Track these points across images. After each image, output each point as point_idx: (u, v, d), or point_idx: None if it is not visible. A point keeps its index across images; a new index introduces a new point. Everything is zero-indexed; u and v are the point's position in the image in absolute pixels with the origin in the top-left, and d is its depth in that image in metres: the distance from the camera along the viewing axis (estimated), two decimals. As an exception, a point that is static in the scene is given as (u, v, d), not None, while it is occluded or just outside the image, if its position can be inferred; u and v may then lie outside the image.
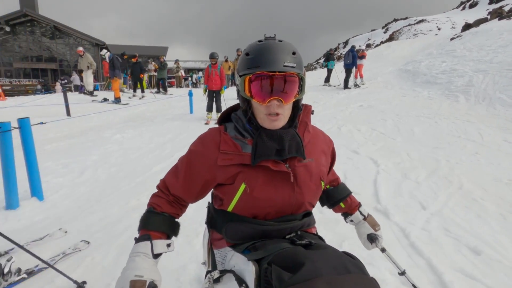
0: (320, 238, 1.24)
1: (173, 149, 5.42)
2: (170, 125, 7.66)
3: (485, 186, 3.45)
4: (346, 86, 12.62)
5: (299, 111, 1.17)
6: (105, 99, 11.30)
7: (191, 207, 3.24)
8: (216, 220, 1.22)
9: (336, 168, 1.53)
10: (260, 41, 1.08)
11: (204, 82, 8.22)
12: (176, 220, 1.19)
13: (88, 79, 12.50)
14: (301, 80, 1.07)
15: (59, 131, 6.91)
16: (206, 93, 8.24)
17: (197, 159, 1.13)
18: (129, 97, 12.93)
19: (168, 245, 1.10)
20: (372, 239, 1.46)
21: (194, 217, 2.99)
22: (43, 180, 3.49)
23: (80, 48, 12.09)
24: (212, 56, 7.99)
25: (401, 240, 2.53)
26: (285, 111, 1.08)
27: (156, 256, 1.06)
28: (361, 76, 13.06)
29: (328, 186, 1.50)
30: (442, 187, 3.47)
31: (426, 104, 8.38)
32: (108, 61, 11.35)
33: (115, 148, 5.54)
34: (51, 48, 33.36)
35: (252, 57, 1.04)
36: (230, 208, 1.13)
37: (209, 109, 8.16)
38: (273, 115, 1.05)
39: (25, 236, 2.69)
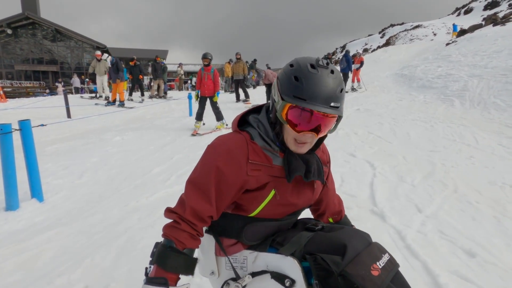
0: (316, 220, 1.35)
1: (173, 151, 5.45)
2: (170, 127, 7.69)
3: (480, 189, 3.50)
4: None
5: (323, 140, 1.21)
6: (109, 103, 11.26)
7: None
8: (229, 226, 1.20)
9: (333, 171, 1.56)
10: (312, 66, 1.00)
11: (196, 86, 7.36)
12: (195, 256, 1.15)
13: (105, 83, 12.36)
14: (338, 118, 1.05)
15: (59, 133, 6.93)
16: (198, 99, 7.35)
17: (227, 176, 1.06)
18: (139, 101, 12.83)
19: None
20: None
21: (193, 219, 3.02)
22: (43, 182, 3.50)
23: (98, 52, 11.92)
24: (205, 56, 7.08)
25: (397, 243, 2.57)
26: (313, 141, 1.11)
27: None
28: (358, 80, 13.18)
29: (330, 220, 1.47)
30: (438, 190, 3.52)
31: (422, 108, 8.47)
32: (110, 65, 11.27)
33: (115, 150, 5.57)
34: (52, 51, 33.52)
35: (301, 86, 0.99)
36: (254, 213, 1.14)
37: (199, 117, 7.18)
38: (301, 143, 1.07)
39: (25, 237, 2.70)
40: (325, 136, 1.16)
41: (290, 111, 1.01)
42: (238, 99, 12.48)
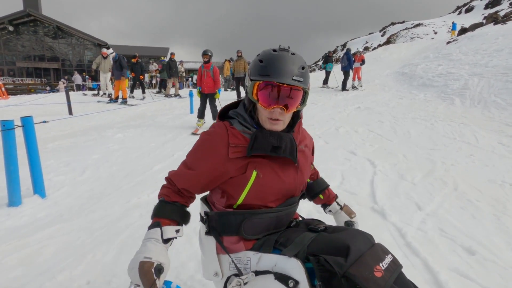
0: (319, 221, 1.37)
1: (174, 149, 5.46)
2: (171, 124, 7.70)
3: (479, 188, 3.52)
4: (344, 88, 12.72)
5: (298, 119, 1.28)
6: (111, 100, 11.24)
7: (191, 206, 3.28)
8: (227, 224, 1.22)
9: (334, 169, 1.60)
10: (274, 50, 1.14)
11: (197, 83, 7.27)
12: (186, 209, 1.26)
13: (108, 81, 12.31)
14: (305, 93, 1.16)
15: (61, 130, 6.95)
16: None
17: (207, 153, 1.18)
18: (141, 99, 12.79)
19: (177, 231, 1.18)
20: (348, 225, 1.58)
21: (193, 215, 3.02)
22: (45, 178, 3.52)
23: (105, 50, 11.81)
24: (204, 53, 6.97)
25: (398, 240, 2.58)
26: (286, 118, 1.18)
27: (166, 241, 1.14)
28: (359, 79, 13.17)
29: (308, 180, 1.57)
30: (438, 188, 3.53)
31: (422, 106, 8.47)
32: (113, 61, 11.21)
33: (116, 147, 5.58)
34: (53, 48, 33.55)
35: (264, 65, 1.11)
36: (240, 199, 1.19)
37: (201, 115, 7.10)
38: (274, 120, 1.16)
39: (27, 233, 2.71)
40: (298, 116, 1.26)
41: (259, 90, 1.13)
42: (239, 96, 12.48)
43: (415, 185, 3.65)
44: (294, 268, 1.04)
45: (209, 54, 7.00)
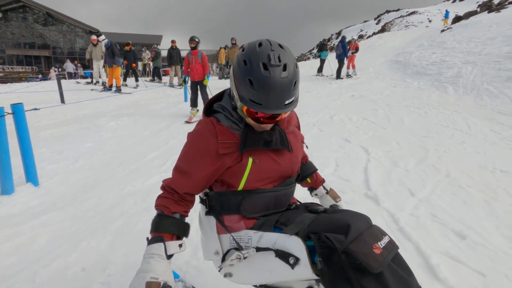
0: (318, 204, 1.42)
1: (168, 137, 5.43)
2: (165, 113, 7.64)
3: (471, 174, 3.57)
4: (338, 76, 12.68)
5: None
6: (105, 88, 11.05)
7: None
8: (227, 203, 1.24)
9: (328, 156, 1.61)
10: (265, 66, 1.01)
11: (184, 71, 7.08)
12: (186, 221, 1.24)
13: (101, 69, 12.08)
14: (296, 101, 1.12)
15: (53, 118, 6.87)
16: (187, 85, 7.13)
17: (198, 154, 1.17)
18: (134, 87, 12.57)
19: (180, 246, 1.16)
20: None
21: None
22: (38, 167, 3.48)
23: (94, 37, 11.51)
24: (191, 39, 6.73)
25: (391, 225, 2.62)
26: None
27: (170, 257, 1.11)
28: (353, 67, 13.14)
29: None
30: (430, 175, 3.58)
31: (416, 94, 8.50)
32: (105, 48, 10.96)
33: (109, 135, 5.54)
34: (44, 35, 32.76)
35: (255, 91, 1.02)
36: (241, 186, 1.21)
37: (194, 103, 7.06)
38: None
39: (20, 221, 2.70)
40: None
41: (249, 110, 1.09)
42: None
43: (408, 171, 3.69)
44: (295, 245, 1.06)
45: (196, 40, 6.78)
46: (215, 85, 13.50)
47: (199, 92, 7.08)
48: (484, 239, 2.42)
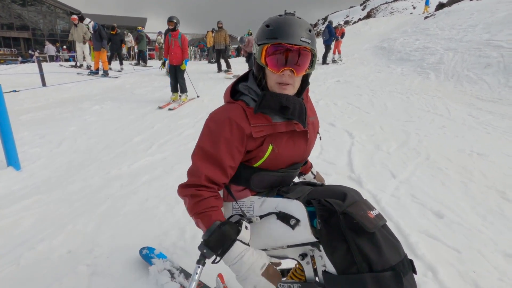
0: (315, 182, 1.54)
1: (154, 121, 5.37)
2: (151, 97, 7.51)
3: (449, 157, 3.70)
4: (324, 61, 12.70)
5: (307, 85, 1.28)
6: (92, 72, 10.69)
7: (173, 176, 3.27)
8: (237, 175, 1.25)
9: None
10: (280, 15, 1.15)
11: (164, 54, 6.74)
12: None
13: (85, 50, 11.59)
14: (313, 56, 1.16)
15: (34, 102, 6.67)
16: (166, 67, 6.87)
17: (233, 144, 1.15)
18: (118, 70, 12.18)
19: (246, 227, 1.13)
20: None
21: (175, 186, 3.01)
22: (20, 151, 3.40)
23: (75, 16, 10.97)
24: (169, 20, 6.37)
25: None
26: (295, 83, 1.19)
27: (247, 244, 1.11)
28: (339, 52, 13.17)
29: None
30: (411, 158, 3.69)
31: (399, 80, 8.64)
32: (92, 31, 10.51)
33: (94, 119, 5.44)
34: (22, 16, 31.02)
35: (271, 29, 1.11)
36: (257, 165, 1.23)
37: (174, 88, 6.81)
38: (283, 84, 1.16)
39: (3, 205, 2.64)
40: (307, 81, 1.27)
41: (267, 55, 1.13)
42: (219, 69, 12.16)
43: (390, 154, 3.80)
44: (296, 207, 1.13)
45: (175, 21, 6.42)
46: (201, 69, 13.28)
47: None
48: (460, 218, 2.54)
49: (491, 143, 4.14)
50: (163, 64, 6.86)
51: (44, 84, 8.24)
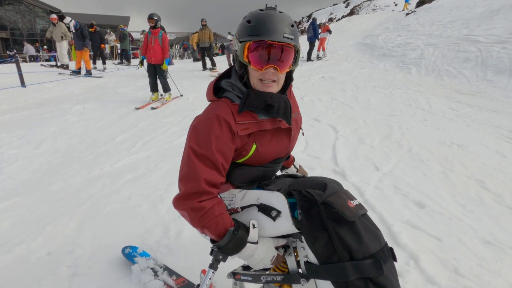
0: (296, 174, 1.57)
1: (137, 119, 5.29)
2: (134, 96, 7.39)
3: (431, 149, 3.78)
4: (309, 58, 12.76)
5: (291, 81, 1.27)
6: (74, 72, 10.41)
7: (157, 174, 3.23)
8: None
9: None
10: (261, 10, 1.13)
11: (142, 52, 6.48)
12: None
13: (63, 51, 11.29)
14: (297, 52, 1.14)
15: (13, 102, 6.49)
16: (143, 66, 6.56)
17: (224, 142, 1.12)
18: (101, 70, 11.91)
19: (253, 226, 1.13)
20: None
21: (159, 184, 3.00)
22: (-3, 152, 3.28)
23: (54, 15, 10.59)
24: (150, 17, 6.14)
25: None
26: (279, 79, 1.17)
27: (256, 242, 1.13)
28: (324, 49, 13.26)
29: None
30: (394, 150, 3.75)
31: (382, 75, 8.77)
32: (74, 30, 10.22)
33: (75, 119, 5.32)
34: (-1, 15, 29.80)
35: (253, 25, 1.09)
36: (238, 162, 1.23)
37: (154, 88, 6.60)
38: (267, 82, 1.14)
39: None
40: (291, 77, 1.26)
41: (250, 52, 1.10)
42: (204, 67, 12.07)
43: (373, 148, 3.85)
44: (277, 199, 1.13)
45: (155, 18, 6.21)
46: (186, 67, 13.15)
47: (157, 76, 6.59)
48: (441, 207, 2.59)
49: (470, 134, 4.25)
50: (141, 63, 6.57)
51: (23, 84, 8.00)
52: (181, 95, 7.23)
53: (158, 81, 6.62)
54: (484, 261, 1.96)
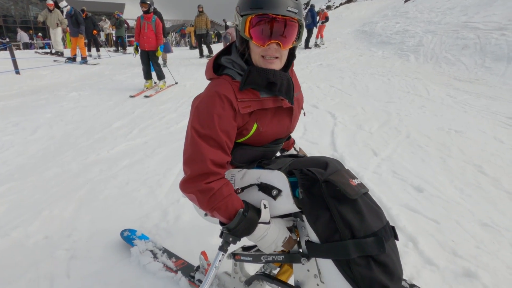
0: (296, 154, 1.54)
1: (134, 106, 5.23)
2: (130, 83, 7.30)
3: (429, 135, 3.77)
4: (306, 46, 12.64)
5: (293, 59, 1.22)
6: (69, 59, 10.23)
7: (154, 160, 3.20)
8: None
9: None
10: None
11: (135, 38, 6.15)
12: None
13: (57, 37, 11.06)
14: (300, 27, 1.08)
15: (7, 90, 6.39)
16: (138, 53, 6.22)
17: (227, 120, 1.08)
18: (95, 57, 11.72)
19: (265, 206, 1.11)
20: None
21: (157, 169, 2.98)
22: (-9, 139, 3.24)
23: (50, 1, 10.37)
24: (142, 1, 5.83)
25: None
26: (282, 56, 1.12)
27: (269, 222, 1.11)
28: (322, 37, 13.13)
29: None
30: (392, 136, 3.74)
31: (380, 63, 8.72)
32: (69, 16, 9.96)
33: (71, 105, 5.26)
34: (-9, 2, 29.12)
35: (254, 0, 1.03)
36: (239, 141, 1.21)
37: (147, 75, 6.38)
38: (269, 58, 1.09)
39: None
40: (294, 55, 1.20)
41: (251, 26, 1.04)
42: (201, 55, 11.91)
43: (372, 134, 3.84)
44: (278, 178, 1.10)
45: (148, 2, 5.93)
46: (183, 54, 13.00)
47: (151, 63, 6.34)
48: (439, 191, 2.60)
49: (468, 121, 4.25)
50: (136, 49, 6.21)
51: (16, 68, 7.87)
52: (176, 83, 7.09)
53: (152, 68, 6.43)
54: (482, 243, 1.97)
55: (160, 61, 10.68)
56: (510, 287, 1.62)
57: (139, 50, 6.16)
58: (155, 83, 6.70)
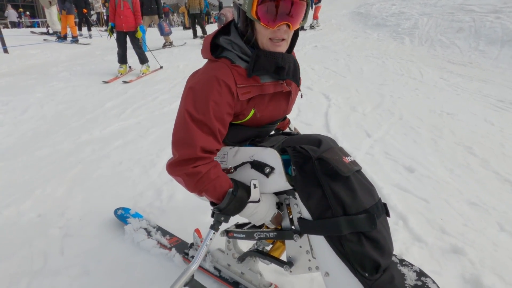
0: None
1: (127, 86, 5.16)
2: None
3: (421, 117, 3.80)
4: (302, 27, 12.44)
5: (297, 38, 1.18)
6: (60, 38, 9.90)
7: (148, 140, 3.18)
8: None
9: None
10: None
11: (110, 18, 5.51)
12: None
13: (53, 17, 10.61)
14: (307, 5, 1.04)
15: (-5, 70, 6.20)
16: (114, 35, 5.55)
17: (223, 107, 1.05)
18: (87, 37, 11.35)
19: (255, 186, 1.12)
20: None
21: (150, 149, 2.97)
22: (-20, 118, 3.18)
23: None
24: None
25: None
26: (289, 38, 1.08)
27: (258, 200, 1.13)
28: (317, 18, 12.91)
29: None
30: (385, 118, 3.76)
31: (375, 45, 8.65)
32: None
33: (61, 85, 5.16)
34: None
35: None
36: (234, 123, 1.19)
37: (122, 60, 5.76)
38: (277, 41, 1.04)
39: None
40: (297, 34, 1.16)
41: (259, 6, 0.98)
42: (195, 35, 11.64)
43: (365, 115, 3.85)
44: (270, 155, 1.11)
45: None
46: (176, 35, 12.68)
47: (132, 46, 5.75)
48: (429, 171, 2.64)
49: (460, 103, 4.28)
50: (111, 31, 5.46)
51: (5, 48, 7.63)
52: (161, 67, 6.55)
53: (133, 52, 5.88)
54: (469, 221, 2.03)
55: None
56: (494, 262, 1.67)
57: (115, 31, 5.53)
58: (130, 67, 6.21)
